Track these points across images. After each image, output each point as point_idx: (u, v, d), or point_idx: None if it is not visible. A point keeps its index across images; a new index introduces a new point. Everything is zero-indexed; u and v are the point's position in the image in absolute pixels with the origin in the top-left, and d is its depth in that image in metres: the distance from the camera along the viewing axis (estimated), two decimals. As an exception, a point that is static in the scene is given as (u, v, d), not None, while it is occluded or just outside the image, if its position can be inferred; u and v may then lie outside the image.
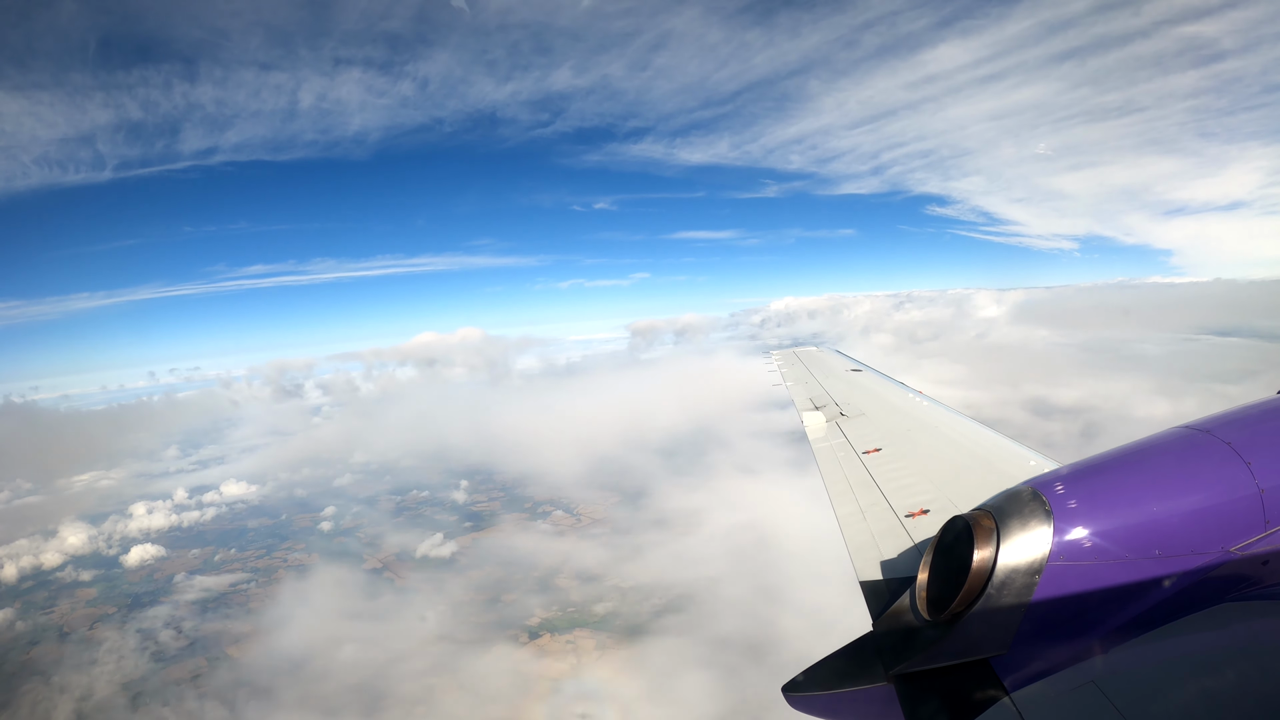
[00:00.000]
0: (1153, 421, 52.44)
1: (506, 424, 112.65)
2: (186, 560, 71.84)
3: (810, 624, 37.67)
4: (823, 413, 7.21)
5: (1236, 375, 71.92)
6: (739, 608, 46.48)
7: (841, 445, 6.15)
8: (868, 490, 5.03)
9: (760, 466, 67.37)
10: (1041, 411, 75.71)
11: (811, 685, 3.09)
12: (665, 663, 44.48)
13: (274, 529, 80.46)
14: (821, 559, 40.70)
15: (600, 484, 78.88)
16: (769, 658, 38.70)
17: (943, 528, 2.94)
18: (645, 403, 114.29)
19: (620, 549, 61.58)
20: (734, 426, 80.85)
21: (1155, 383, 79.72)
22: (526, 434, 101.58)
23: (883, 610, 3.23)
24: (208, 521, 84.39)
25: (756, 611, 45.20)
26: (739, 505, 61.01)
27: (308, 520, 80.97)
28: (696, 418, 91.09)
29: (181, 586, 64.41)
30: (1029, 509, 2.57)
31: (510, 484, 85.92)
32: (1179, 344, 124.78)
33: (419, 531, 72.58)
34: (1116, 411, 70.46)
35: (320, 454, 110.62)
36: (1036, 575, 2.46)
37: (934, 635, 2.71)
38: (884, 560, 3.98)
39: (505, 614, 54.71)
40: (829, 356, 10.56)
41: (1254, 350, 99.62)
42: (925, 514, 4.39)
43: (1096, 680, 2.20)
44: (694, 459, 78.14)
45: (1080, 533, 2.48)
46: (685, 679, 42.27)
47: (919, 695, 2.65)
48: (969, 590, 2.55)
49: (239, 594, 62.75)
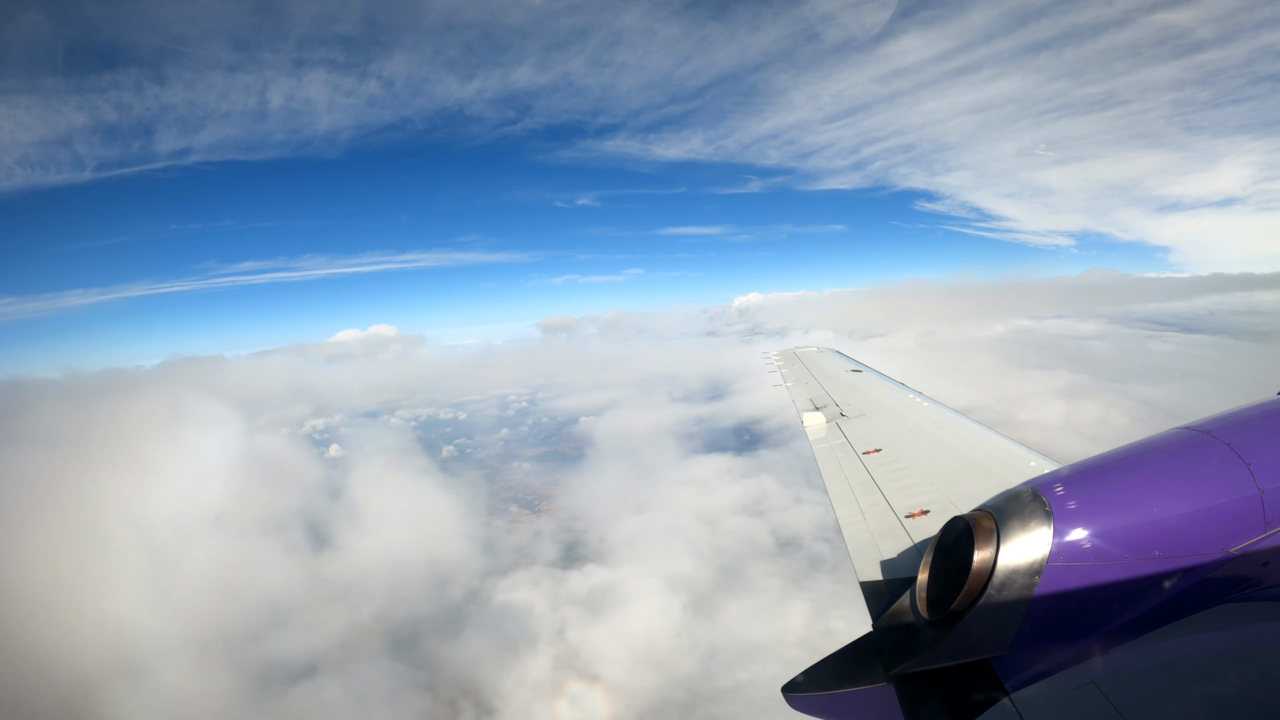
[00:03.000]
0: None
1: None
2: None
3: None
4: (823, 413, 7.21)
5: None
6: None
7: (842, 446, 6.15)
8: (868, 491, 5.03)
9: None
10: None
11: (811, 685, 3.09)
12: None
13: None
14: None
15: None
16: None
17: (943, 528, 2.94)
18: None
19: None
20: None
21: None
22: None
23: (883, 611, 3.23)
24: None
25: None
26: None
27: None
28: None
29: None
30: (1029, 510, 2.57)
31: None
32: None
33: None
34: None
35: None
36: (1036, 576, 2.46)
37: (934, 636, 2.72)
38: (884, 561, 3.98)
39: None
40: (829, 357, 10.55)
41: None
42: (925, 515, 4.39)
43: (1096, 681, 2.20)
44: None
45: (1080, 533, 2.48)
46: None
47: (919, 696, 2.65)
48: (969, 591, 2.56)
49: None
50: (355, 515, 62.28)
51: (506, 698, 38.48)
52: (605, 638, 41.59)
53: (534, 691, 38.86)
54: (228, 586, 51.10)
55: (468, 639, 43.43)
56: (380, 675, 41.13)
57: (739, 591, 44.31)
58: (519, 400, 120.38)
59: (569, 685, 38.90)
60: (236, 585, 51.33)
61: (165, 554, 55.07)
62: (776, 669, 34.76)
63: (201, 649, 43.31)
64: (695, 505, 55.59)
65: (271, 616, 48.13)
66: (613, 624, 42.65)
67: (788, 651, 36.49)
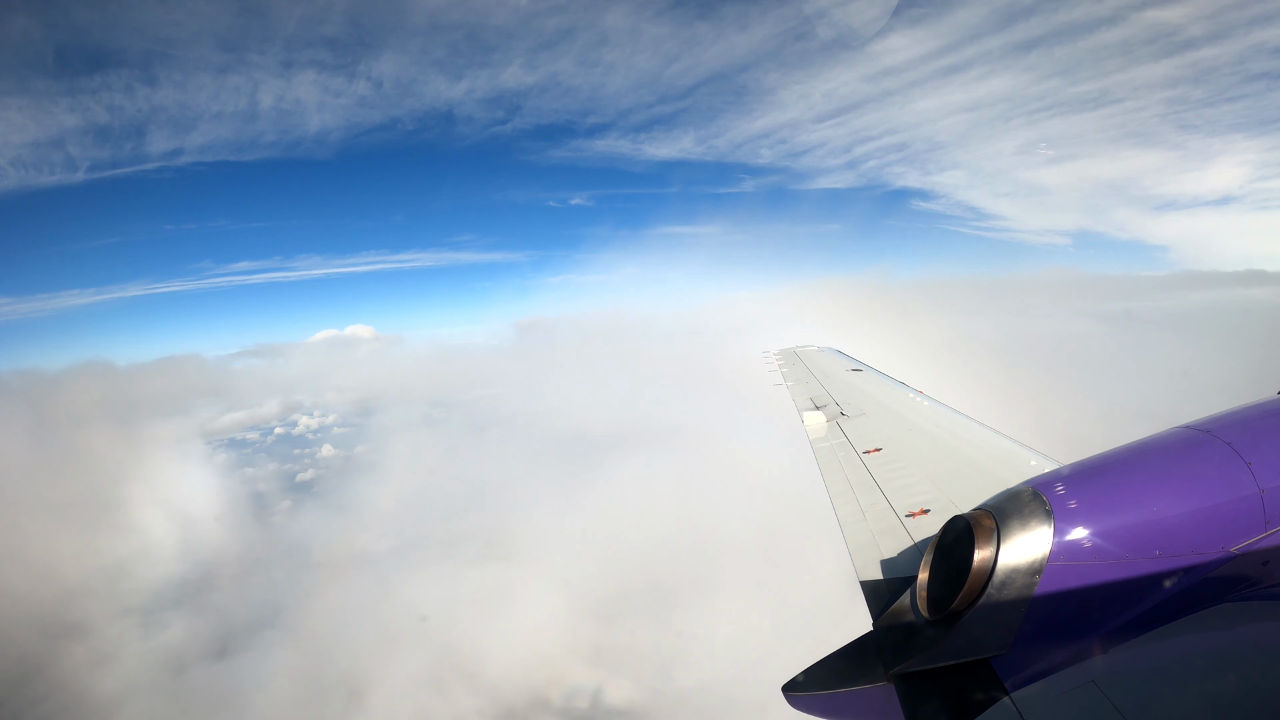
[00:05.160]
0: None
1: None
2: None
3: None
4: (823, 412, 7.21)
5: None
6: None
7: (842, 445, 6.15)
8: (868, 490, 5.03)
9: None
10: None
11: (811, 685, 3.09)
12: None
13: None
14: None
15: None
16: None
17: (943, 527, 2.94)
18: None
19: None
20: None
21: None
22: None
23: (883, 610, 3.23)
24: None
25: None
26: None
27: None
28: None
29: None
30: (1029, 509, 2.57)
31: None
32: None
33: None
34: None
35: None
36: (1037, 575, 2.46)
37: (934, 635, 2.71)
38: (884, 560, 3.98)
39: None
40: (830, 356, 10.55)
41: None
42: (925, 514, 4.39)
43: (1097, 680, 2.20)
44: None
45: (1080, 533, 2.48)
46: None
47: (919, 695, 2.65)
48: (969, 590, 2.56)
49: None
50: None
51: (383, 689, 38.22)
52: (492, 636, 40.89)
53: (410, 684, 38.52)
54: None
55: (354, 631, 43.12)
56: (263, 663, 41.48)
57: (642, 596, 42.59)
58: (458, 401, 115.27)
59: (446, 680, 38.39)
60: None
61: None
62: (652, 676, 35.40)
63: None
64: (612, 507, 53.01)
65: (170, 598, 49.96)
66: (501, 623, 41.91)
67: (684, 658, 36.25)
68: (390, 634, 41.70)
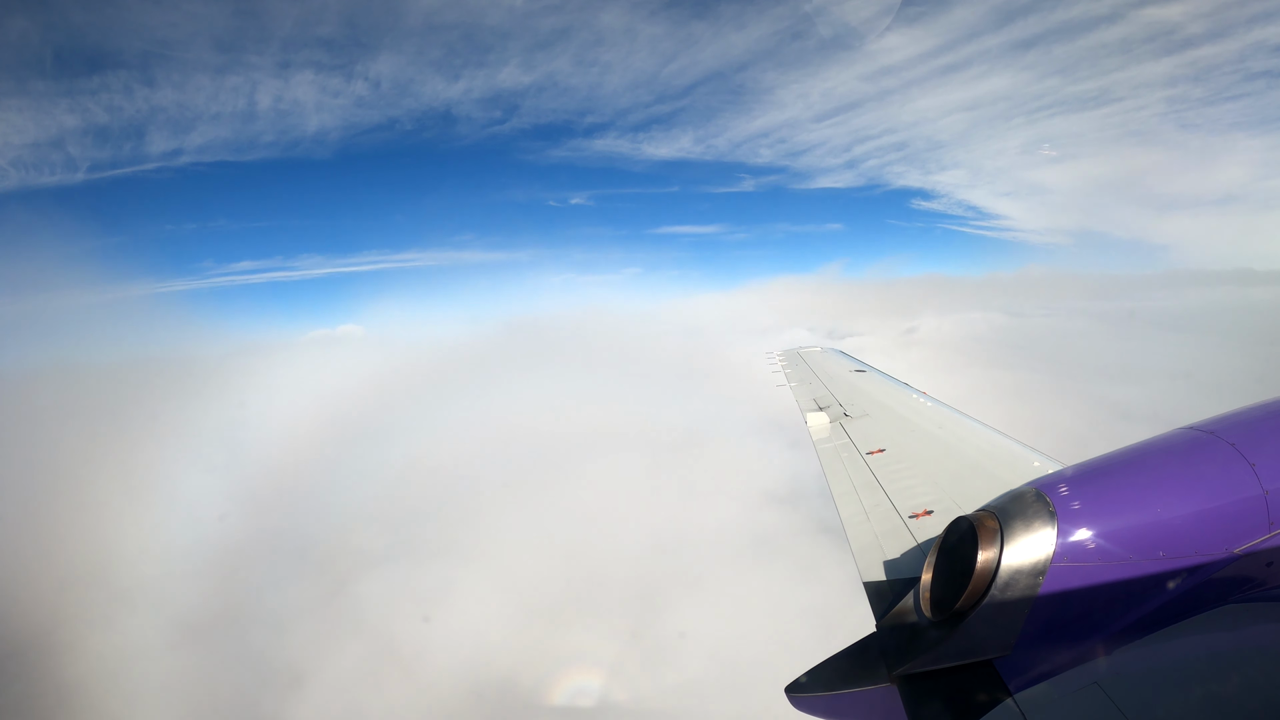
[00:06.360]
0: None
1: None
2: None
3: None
4: (826, 413, 7.21)
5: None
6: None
7: (845, 446, 6.15)
8: (871, 491, 5.03)
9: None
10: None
11: (814, 686, 3.10)
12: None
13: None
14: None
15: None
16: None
17: (947, 528, 2.94)
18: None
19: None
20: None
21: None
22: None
23: (886, 611, 3.23)
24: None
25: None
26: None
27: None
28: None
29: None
30: (1033, 510, 2.58)
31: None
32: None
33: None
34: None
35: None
36: (1040, 576, 2.47)
37: (937, 636, 2.72)
38: (887, 561, 3.98)
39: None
40: (832, 357, 10.55)
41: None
42: (929, 515, 4.39)
43: (1100, 682, 2.20)
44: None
45: (1084, 534, 2.48)
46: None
47: (922, 696, 2.65)
48: (973, 591, 2.56)
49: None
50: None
51: (321, 683, 38.13)
52: (437, 633, 40.88)
53: (348, 679, 38.47)
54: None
55: (300, 622, 42.23)
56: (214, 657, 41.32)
57: (590, 598, 42.87)
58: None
59: (385, 675, 38.28)
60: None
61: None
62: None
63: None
64: (573, 509, 53.10)
65: (118, 593, 48.95)
66: (447, 620, 41.91)
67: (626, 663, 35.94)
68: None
